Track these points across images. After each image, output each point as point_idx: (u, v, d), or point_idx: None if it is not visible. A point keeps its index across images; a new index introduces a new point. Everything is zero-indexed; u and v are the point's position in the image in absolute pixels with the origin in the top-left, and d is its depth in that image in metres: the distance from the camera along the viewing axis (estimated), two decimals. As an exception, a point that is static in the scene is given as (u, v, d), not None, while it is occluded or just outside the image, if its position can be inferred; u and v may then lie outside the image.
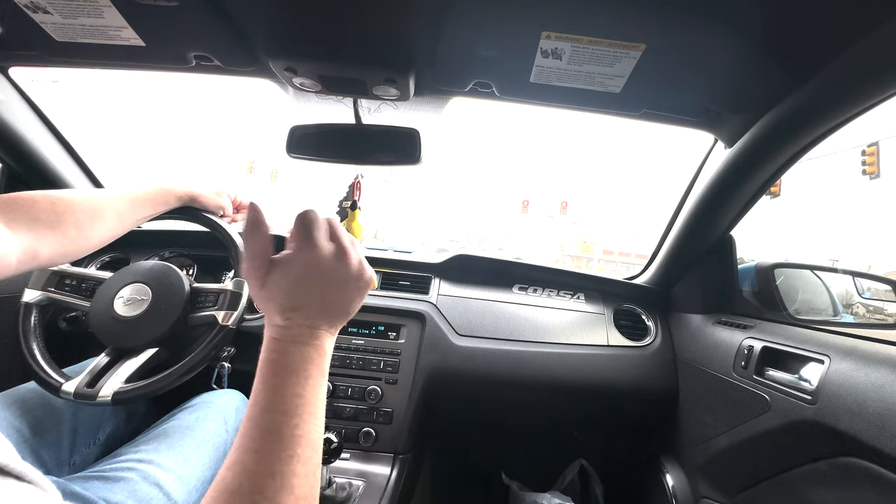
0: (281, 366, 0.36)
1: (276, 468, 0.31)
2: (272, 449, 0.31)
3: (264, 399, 0.34)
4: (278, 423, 0.33)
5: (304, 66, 0.66)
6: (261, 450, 0.31)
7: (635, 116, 0.76)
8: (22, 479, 0.20)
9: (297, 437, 0.32)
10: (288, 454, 0.32)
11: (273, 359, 0.36)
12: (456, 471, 1.32)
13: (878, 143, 8.20)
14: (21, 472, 0.20)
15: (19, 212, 0.52)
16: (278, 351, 0.36)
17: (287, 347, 0.37)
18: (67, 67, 0.77)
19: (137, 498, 0.54)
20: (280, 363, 0.36)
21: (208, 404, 0.74)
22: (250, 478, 0.30)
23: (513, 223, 50.30)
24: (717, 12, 0.52)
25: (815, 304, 1.15)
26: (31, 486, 0.21)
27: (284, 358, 0.36)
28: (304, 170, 5.29)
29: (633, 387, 1.01)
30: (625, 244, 39.32)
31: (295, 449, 0.32)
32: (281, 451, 0.31)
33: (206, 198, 0.75)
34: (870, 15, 0.49)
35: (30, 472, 0.21)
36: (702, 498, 0.89)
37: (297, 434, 0.33)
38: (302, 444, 0.33)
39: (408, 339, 1.00)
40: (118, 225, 0.63)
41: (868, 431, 0.54)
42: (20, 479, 0.20)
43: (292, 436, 0.32)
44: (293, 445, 0.32)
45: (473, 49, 0.63)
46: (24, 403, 0.63)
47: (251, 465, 0.31)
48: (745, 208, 0.92)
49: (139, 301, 0.70)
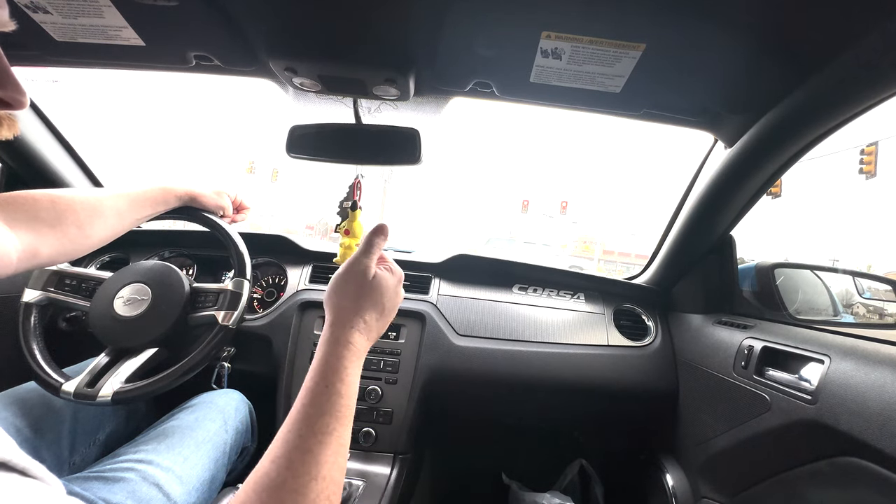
0: (345, 371, 0.37)
1: (321, 472, 0.31)
2: (322, 452, 0.32)
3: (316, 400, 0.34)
4: (332, 428, 0.33)
5: (304, 66, 0.66)
6: (312, 450, 0.32)
7: (635, 116, 0.76)
8: (26, 474, 0.21)
9: (341, 446, 0.34)
10: (332, 460, 0.32)
11: (328, 362, 0.37)
12: (456, 471, 1.32)
13: (877, 143, 8.21)
14: (25, 467, 0.21)
15: (20, 210, 0.52)
16: (336, 356, 0.37)
17: (343, 353, 0.38)
18: (67, 67, 0.77)
19: (137, 498, 0.54)
20: (334, 367, 0.37)
21: (208, 404, 0.74)
22: (295, 476, 0.30)
23: (512, 223, 50.29)
24: (717, 12, 0.52)
25: (815, 304, 1.15)
26: (35, 481, 0.21)
27: (339, 363, 0.37)
28: (305, 170, 5.22)
29: (633, 387, 1.01)
30: (625, 244, 39.31)
31: (337, 457, 0.33)
32: (329, 456, 0.32)
33: (206, 198, 0.75)
34: (870, 15, 0.49)
35: (34, 467, 0.21)
36: (702, 498, 0.89)
37: (342, 442, 0.34)
38: (342, 452, 0.34)
39: (408, 339, 1.00)
40: (118, 224, 0.63)
41: (868, 431, 0.54)
42: (24, 474, 0.20)
43: (339, 443, 0.34)
44: (337, 453, 0.33)
45: (473, 49, 0.63)
46: (24, 403, 0.63)
47: (298, 464, 0.31)
48: (745, 208, 0.92)
49: (139, 301, 0.70)
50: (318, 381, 0.36)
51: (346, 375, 0.37)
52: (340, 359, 0.37)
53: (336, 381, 0.36)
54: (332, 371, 0.36)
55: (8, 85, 0.34)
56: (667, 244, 1.08)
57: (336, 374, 0.36)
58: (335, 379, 0.36)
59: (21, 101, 0.35)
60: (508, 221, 56.53)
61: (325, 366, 0.37)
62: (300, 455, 0.31)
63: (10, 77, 0.34)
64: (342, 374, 0.36)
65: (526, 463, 1.33)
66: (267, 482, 0.30)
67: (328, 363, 0.37)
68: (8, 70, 0.34)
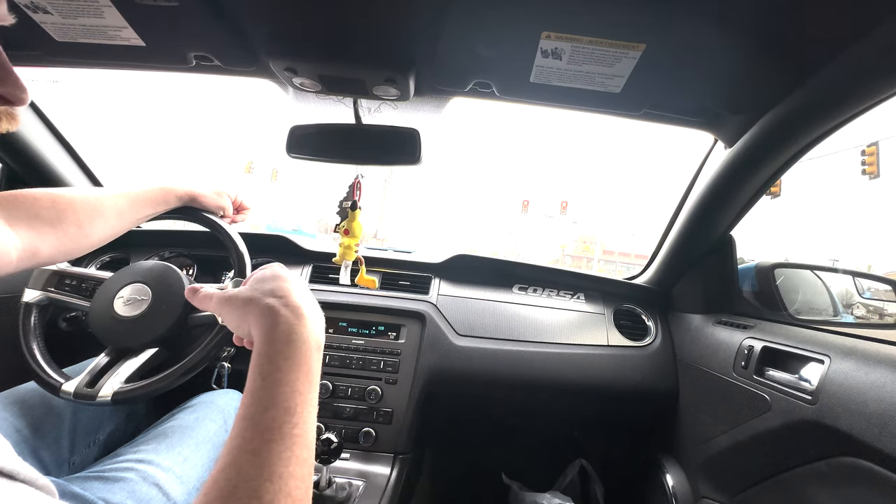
0: (283, 357, 0.34)
1: (275, 470, 0.29)
2: (271, 449, 0.30)
3: (264, 396, 0.32)
4: (278, 422, 0.31)
5: (304, 66, 0.66)
6: (259, 451, 0.30)
7: (635, 116, 0.76)
8: (14, 477, 0.20)
9: (295, 437, 0.31)
10: (287, 455, 0.30)
11: (274, 349, 0.34)
12: (456, 471, 1.32)
13: (878, 143, 8.20)
14: (13, 470, 0.20)
15: (20, 209, 0.52)
16: (280, 341, 0.35)
17: (289, 337, 0.35)
18: (67, 67, 0.77)
19: (137, 498, 0.54)
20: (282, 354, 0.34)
21: (208, 404, 0.74)
22: (247, 480, 0.28)
23: (513, 223, 50.28)
24: (717, 12, 0.52)
25: (815, 304, 1.15)
26: (23, 485, 0.20)
27: (287, 348, 0.35)
28: (305, 170, 5.20)
29: (633, 387, 1.01)
30: (625, 244, 39.34)
31: (294, 449, 0.31)
32: (281, 453, 0.30)
33: (206, 198, 0.75)
34: (870, 15, 0.49)
35: (24, 470, 0.21)
36: (702, 498, 0.89)
37: (296, 433, 0.31)
38: (300, 444, 0.31)
39: (408, 339, 1.00)
40: (119, 223, 0.63)
41: (868, 431, 0.54)
42: (12, 477, 0.20)
43: (291, 435, 0.31)
44: (292, 446, 0.31)
45: (473, 49, 0.63)
46: (24, 403, 0.63)
47: (247, 466, 0.29)
48: (745, 208, 0.92)
49: (139, 301, 0.70)
50: (253, 378, 0.33)
51: (283, 361, 0.34)
52: (273, 343, 0.35)
53: (273, 370, 0.33)
54: (267, 361, 0.34)
55: (9, 81, 0.34)
56: (667, 244, 1.08)
57: (272, 363, 0.34)
58: (272, 369, 0.33)
59: (22, 97, 0.35)
60: (508, 221, 56.50)
61: (259, 358, 0.34)
62: (248, 457, 0.29)
63: (10, 74, 0.34)
64: (279, 361, 0.34)
65: (526, 463, 1.33)
66: (216, 493, 0.28)
67: (261, 354, 0.34)
68: (8, 67, 0.34)
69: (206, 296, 0.44)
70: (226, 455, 0.30)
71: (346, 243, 0.80)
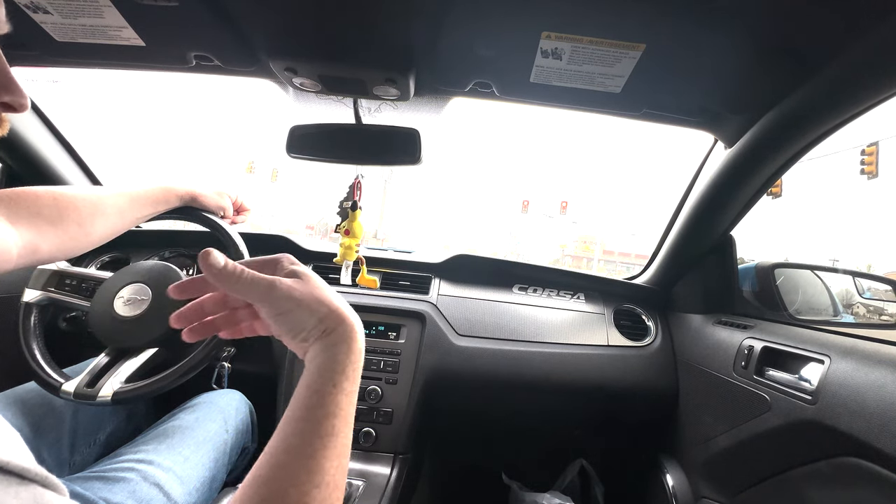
0: (353, 370, 0.35)
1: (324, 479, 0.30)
2: (327, 457, 0.31)
3: (330, 402, 0.33)
4: (337, 430, 0.32)
5: (304, 66, 0.66)
6: (317, 455, 0.31)
7: (635, 116, 0.76)
8: (25, 476, 0.20)
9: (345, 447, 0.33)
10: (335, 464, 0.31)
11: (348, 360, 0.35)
12: (456, 471, 1.32)
13: (878, 143, 8.20)
14: (23, 469, 0.20)
15: (21, 207, 0.52)
16: (341, 351, 0.35)
17: (350, 346, 0.36)
18: (67, 67, 0.77)
19: (137, 498, 0.54)
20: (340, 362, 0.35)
21: (208, 404, 0.74)
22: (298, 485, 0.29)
23: (513, 223, 50.28)
24: (717, 12, 0.52)
25: (815, 304, 1.15)
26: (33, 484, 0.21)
27: (347, 357, 0.35)
28: (305, 170, 5.19)
29: (633, 387, 1.01)
30: (625, 244, 39.36)
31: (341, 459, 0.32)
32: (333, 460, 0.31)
33: (207, 198, 0.75)
34: (870, 15, 0.49)
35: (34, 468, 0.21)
36: (702, 498, 0.89)
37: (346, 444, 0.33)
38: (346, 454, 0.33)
39: (408, 339, 1.00)
40: (119, 222, 0.63)
41: (868, 431, 0.54)
42: (22, 476, 0.20)
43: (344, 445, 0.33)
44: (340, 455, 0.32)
45: (473, 49, 0.63)
46: (24, 403, 0.63)
47: (302, 472, 0.30)
48: (745, 208, 0.92)
49: (139, 301, 0.70)
50: (324, 382, 0.34)
51: (352, 372, 0.35)
52: (348, 354, 0.35)
53: (342, 379, 0.34)
54: (340, 370, 0.34)
55: (12, 90, 0.35)
56: (667, 244, 1.08)
57: (342, 372, 0.35)
58: (341, 378, 0.34)
59: (23, 104, 0.36)
60: (508, 221, 56.50)
61: (331, 363, 0.35)
62: (304, 461, 0.30)
63: (12, 82, 0.35)
64: (348, 371, 0.35)
65: (526, 463, 1.33)
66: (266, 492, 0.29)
67: (334, 361, 0.35)
68: (10, 75, 0.35)
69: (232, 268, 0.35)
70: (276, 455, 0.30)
71: (346, 243, 0.80)
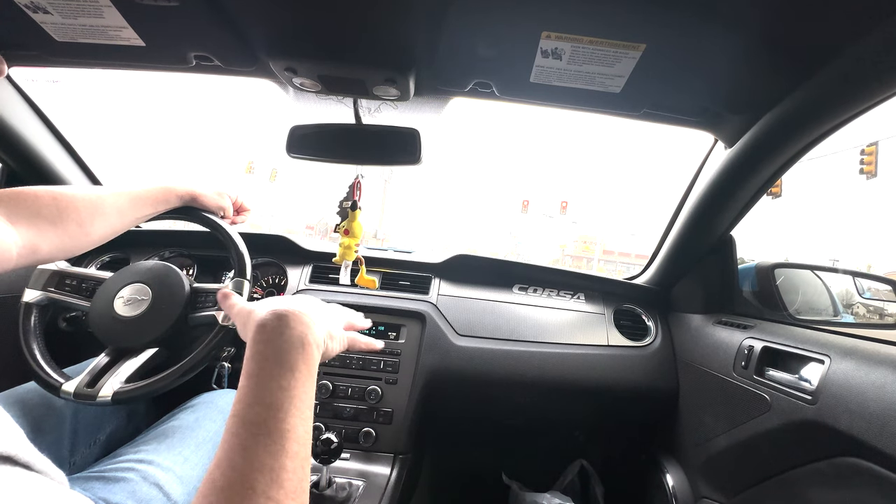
0: (265, 357, 0.36)
1: (265, 462, 0.30)
2: (258, 442, 0.31)
3: (249, 393, 0.34)
4: (263, 417, 0.33)
5: (304, 66, 0.66)
6: (248, 445, 0.31)
7: (635, 116, 0.76)
8: (31, 468, 0.20)
9: (283, 431, 0.32)
10: (275, 448, 0.31)
11: (258, 350, 0.37)
12: (456, 471, 1.32)
13: (878, 143, 8.20)
14: (29, 461, 0.20)
15: (21, 206, 0.52)
16: (263, 342, 0.37)
17: (271, 337, 0.37)
18: (67, 67, 0.77)
19: (137, 498, 0.54)
20: (264, 354, 0.36)
21: (208, 404, 0.74)
22: (240, 474, 0.30)
23: (513, 223, 50.29)
24: (717, 12, 0.52)
25: (815, 304, 1.15)
26: (39, 475, 0.21)
27: (268, 349, 0.37)
28: (304, 170, 5.21)
29: (633, 387, 1.01)
30: (625, 244, 39.36)
31: (282, 443, 0.32)
32: (268, 446, 0.31)
33: (207, 198, 0.75)
34: (870, 15, 0.49)
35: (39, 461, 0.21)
36: (702, 498, 0.89)
37: (285, 428, 0.33)
38: (289, 437, 0.32)
39: (408, 340, 1.00)
40: (119, 222, 0.63)
41: (868, 431, 0.54)
42: (29, 468, 0.20)
43: (279, 430, 0.32)
44: (280, 440, 0.32)
45: (473, 49, 0.63)
46: (24, 403, 0.63)
47: (239, 461, 0.30)
48: (745, 208, 0.92)
49: (139, 301, 0.70)
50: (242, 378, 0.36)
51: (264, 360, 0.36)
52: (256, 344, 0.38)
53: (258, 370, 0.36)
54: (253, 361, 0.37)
55: None
56: (667, 244, 1.08)
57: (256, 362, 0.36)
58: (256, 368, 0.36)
59: None
60: (508, 221, 56.52)
61: (246, 360, 0.37)
62: (238, 452, 0.31)
63: None
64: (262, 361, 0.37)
65: (526, 463, 1.33)
66: (211, 486, 0.30)
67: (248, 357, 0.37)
68: None
69: (231, 305, 0.49)
70: (219, 452, 0.32)
71: (346, 243, 0.80)
